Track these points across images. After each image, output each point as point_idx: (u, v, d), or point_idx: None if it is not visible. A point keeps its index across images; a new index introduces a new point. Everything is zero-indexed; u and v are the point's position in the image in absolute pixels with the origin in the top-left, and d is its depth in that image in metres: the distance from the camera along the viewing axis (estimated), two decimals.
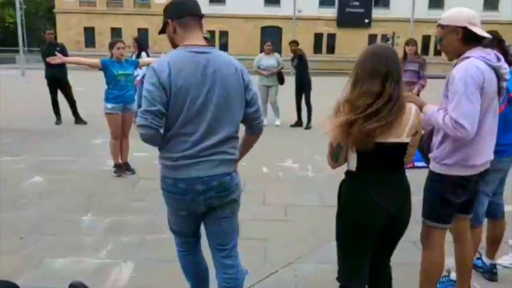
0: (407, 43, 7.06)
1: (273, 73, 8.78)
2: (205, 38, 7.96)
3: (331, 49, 38.37)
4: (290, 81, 9.14)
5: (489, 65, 2.24)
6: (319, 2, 38.07)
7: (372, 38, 37.99)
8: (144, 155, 6.18)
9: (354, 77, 2.03)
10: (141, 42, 8.27)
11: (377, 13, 37.86)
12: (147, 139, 2.05)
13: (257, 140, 2.50)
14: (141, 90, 8.33)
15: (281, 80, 8.99)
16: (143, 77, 8.57)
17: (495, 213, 2.98)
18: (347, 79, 2.05)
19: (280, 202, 4.52)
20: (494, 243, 3.04)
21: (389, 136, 1.95)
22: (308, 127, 8.71)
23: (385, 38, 35.01)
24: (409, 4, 34.98)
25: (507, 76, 2.31)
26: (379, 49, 2.05)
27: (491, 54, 2.28)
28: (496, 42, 2.63)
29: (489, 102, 2.26)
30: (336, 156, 2.05)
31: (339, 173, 5.75)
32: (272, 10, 38.05)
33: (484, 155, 2.34)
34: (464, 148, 2.29)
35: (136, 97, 6.44)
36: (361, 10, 37.80)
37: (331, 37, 38.72)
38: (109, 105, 5.12)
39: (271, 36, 37.76)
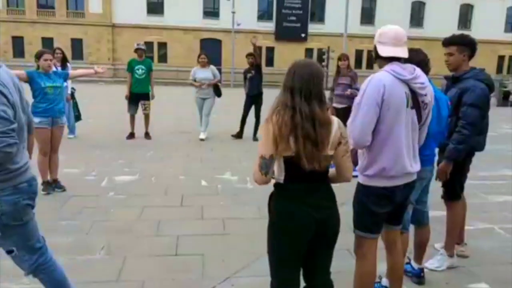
0: (340, 58, 7.33)
1: (208, 85, 8.73)
2: (141, 49, 7.80)
3: (270, 62, 39.00)
4: (230, 93, 9.17)
5: (398, 79, 2.36)
6: (257, 16, 38.68)
7: (308, 51, 39.21)
8: (75, 172, 5.94)
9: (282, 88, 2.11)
10: (65, 53, 7.91)
11: (313, 28, 39.11)
12: None
13: None
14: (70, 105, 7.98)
15: (217, 93, 8.97)
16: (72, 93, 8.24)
17: (421, 219, 3.13)
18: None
19: (219, 215, 4.47)
20: (421, 248, 3.19)
21: None
22: (256, 138, 8.75)
23: (321, 52, 36.26)
24: (343, 19, 36.60)
25: (423, 91, 2.42)
26: (296, 64, 2.11)
27: (407, 68, 2.40)
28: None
29: (397, 113, 2.34)
30: (266, 169, 2.06)
31: None
32: (211, 23, 38.16)
33: (404, 166, 2.42)
34: (380, 159, 2.39)
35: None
36: (298, 25, 38.88)
37: (270, 50, 39.42)
38: (37, 119, 4.83)
39: (210, 48, 37.84)
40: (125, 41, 34.83)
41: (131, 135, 8.48)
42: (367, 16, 39.11)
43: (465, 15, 40.94)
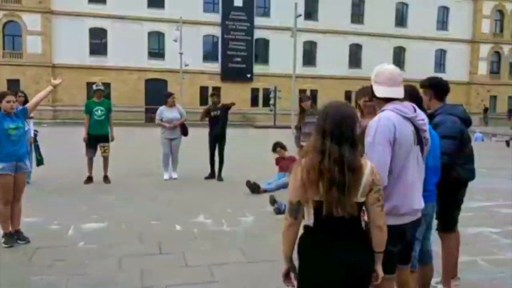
0: (301, 99, 7.51)
1: (176, 126, 8.60)
2: (100, 90, 7.57)
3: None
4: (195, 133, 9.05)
5: (404, 117, 2.41)
6: (203, 57, 39.12)
7: (254, 91, 39.99)
8: (37, 221, 5.49)
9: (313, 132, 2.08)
10: (27, 97, 7.48)
11: (258, 68, 40.09)
12: None
13: None
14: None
15: (184, 132, 8.84)
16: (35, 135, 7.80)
17: (424, 258, 3.14)
18: (235, 130, 2.09)
19: (203, 262, 4.26)
20: (425, 287, 3.19)
21: None
22: (221, 179, 8.60)
23: (267, 92, 37.09)
24: (285, 61, 37.96)
25: (425, 127, 2.50)
26: (329, 106, 2.11)
27: (407, 106, 2.46)
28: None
29: (407, 151, 2.39)
30: (295, 214, 2.00)
31: (255, 226, 5.65)
32: (156, 63, 38.05)
33: (414, 203, 2.45)
34: (393, 198, 2.39)
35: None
36: (243, 66, 39.70)
37: (216, 90, 39.69)
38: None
39: (155, 88, 37.67)
40: (66, 82, 33.64)
41: (89, 179, 8.05)
42: (309, 58, 40.73)
43: (439, 58, 43.95)
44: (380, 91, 2.44)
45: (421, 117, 2.46)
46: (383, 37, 41.53)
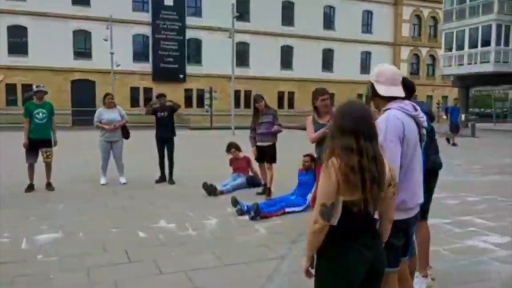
0: (256, 100, 7.53)
1: (116, 128, 8.23)
2: (41, 91, 7.06)
3: (148, 103, 38.21)
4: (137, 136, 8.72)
5: (408, 115, 2.51)
6: (133, 57, 37.89)
7: (188, 92, 39.44)
8: None
9: (331, 132, 2.09)
10: None
11: (191, 69, 39.60)
12: None
13: None
14: None
15: (126, 135, 8.50)
16: None
17: (412, 249, 3.27)
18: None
19: (178, 268, 4.12)
20: (412, 276, 3.32)
21: None
22: (173, 182, 8.38)
23: (201, 92, 36.74)
24: (218, 62, 37.92)
25: (425, 124, 2.62)
26: (349, 106, 2.13)
27: (408, 104, 2.56)
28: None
29: (413, 148, 2.50)
30: (328, 215, 1.98)
31: (220, 229, 5.59)
32: (83, 63, 36.21)
33: (419, 197, 2.57)
34: (402, 193, 2.47)
35: None
36: (175, 66, 39.00)
37: (148, 91, 38.71)
38: None
39: (83, 90, 35.90)
40: None
41: (31, 187, 7.48)
42: (242, 59, 40.93)
43: (365, 60, 45.62)
44: (383, 90, 2.49)
45: (421, 114, 2.56)
46: (313, 39, 42.82)
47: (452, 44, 27.17)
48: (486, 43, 24.91)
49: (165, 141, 8.51)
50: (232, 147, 8.17)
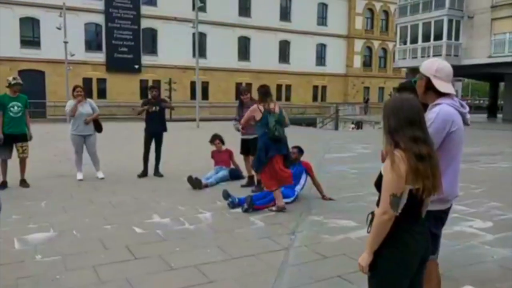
0: (241, 93, 7.53)
1: (88, 122, 7.93)
2: (19, 84, 6.67)
3: (102, 94, 37.04)
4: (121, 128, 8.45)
5: (458, 111, 2.63)
6: (85, 47, 36.49)
7: (143, 83, 38.50)
8: None
9: (389, 126, 2.14)
10: None
11: (146, 59, 38.69)
12: None
13: None
14: None
15: (99, 128, 8.21)
16: None
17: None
18: (128, 124, 2.08)
19: (188, 263, 4.08)
20: None
21: None
22: (160, 174, 8.29)
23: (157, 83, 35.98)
24: (174, 52, 37.28)
25: (468, 121, 2.74)
26: (399, 98, 2.21)
27: (457, 101, 2.68)
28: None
29: (458, 143, 2.63)
30: (398, 205, 2.05)
31: (217, 223, 5.65)
32: (31, 52, 34.44)
33: (457, 190, 2.70)
34: (443, 185, 2.59)
35: None
36: (130, 56, 37.95)
37: (102, 81, 37.50)
38: None
39: (31, 80, 34.08)
40: None
41: (3, 184, 7.09)
42: (200, 49, 40.39)
43: (320, 52, 46.29)
44: (443, 87, 2.57)
45: (467, 111, 2.68)
46: (270, 31, 43.01)
47: (406, 38, 28.19)
48: (438, 37, 26.04)
49: (155, 136, 8.33)
50: (217, 139, 8.11)
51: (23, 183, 7.26)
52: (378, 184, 2.18)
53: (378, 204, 2.15)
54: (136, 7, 37.86)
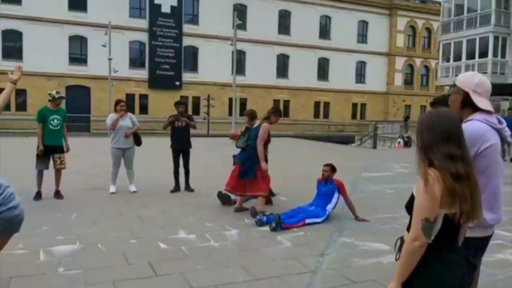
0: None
1: (128, 135, 8.05)
2: (62, 97, 6.84)
3: (144, 110, 38.01)
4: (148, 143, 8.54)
5: (492, 127, 2.40)
6: (129, 64, 37.70)
7: (183, 99, 39.09)
8: None
9: (423, 142, 1.95)
10: None
11: (187, 76, 39.48)
12: None
13: None
14: None
15: (138, 141, 8.32)
16: None
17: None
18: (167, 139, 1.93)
19: (209, 283, 3.95)
20: None
21: None
22: (191, 189, 8.28)
23: (197, 100, 36.42)
24: (214, 70, 37.91)
25: (510, 139, 2.50)
26: (436, 113, 2.01)
27: (493, 117, 2.44)
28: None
29: (495, 161, 2.38)
30: (431, 232, 1.84)
31: (243, 241, 5.41)
32: (78, 69, 35.95)
33: (500, 215, 2.44)
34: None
35: None
36: (172, 73, 38.85)
37: (144, 97, 38.53)
38: None
39: (77, 96, 35.56)
40: None
41: (39, 195, 7.26)
42: (239, 67, 40.85)
43: (359, 70, 45.90)
44: (482, 103, 2.38)
45: (507, 128, 2.45)
46: (309, 48, 42.97)
47: (449, 55, 27.36)
48: (483, 54, 25.11)
49: (181, 152, 8.35)
50: None
51: (58, 194, 7.40)
52: (410, 206, 1.98)
53: (408, 228, 1.95)
54: (179, 26, 38.85)
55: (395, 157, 16.82)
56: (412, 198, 1.97)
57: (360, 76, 46.50)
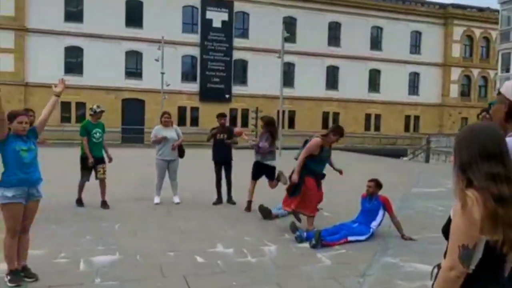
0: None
1: (174, 147, 8.17)
2: (102, 111, 7.03)
3: (195, 122, 38.81)
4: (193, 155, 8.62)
5: None
6: (181, 77, 38.72)
7: (233, 111, 39.70)
8: (39, 253, 4.92)
9: (461, 160, 1.75)
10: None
11: (236, 89, 39.98)
12: None
13: None
14: None
15: (181, 154, 8.42)
16: None
17: None
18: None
19: None
20: None
21: None
22: (233, 202, 8.24)
23: (245, 112, 36.75)
24: (263, 82, 38.06)
25: None
26: (478, 127, 1.81)
27: None
28: None
29: None
30: (469, 260, 1.64)
31: (281, 257, 5.19)
32: (133, 83, 37.38)
33: None
34: None
35: None
36: (222, 86, 39.50)
37: (195, 110, 39.37)
38: (9, 193, 3.94)
39: (133, 108, 36.95)
40: (39, 101, 32.57)
41: (80, 201, 7.69)
42: (287, 79, 40.85)
43: (413, 81, 44.79)
44: None
45: None
46: (359, 60, 42.27)
47: (509, 65, 25.94)
48: None
49: (223, 164, 8.36)
50: None
51: (104, 204, 7.62)
52: (447, 230, 1.78)
53: (445, 255, 1.76)
54: (229, 40, 39.53)
55: (448, 172, 15.98)
56: (449, 221, 1.77)
57: (413, 87, 45.07)
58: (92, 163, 7.51)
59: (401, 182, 11.30)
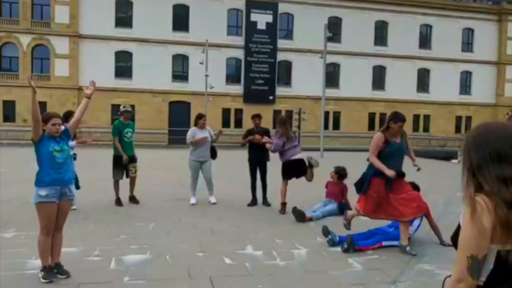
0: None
1: (215, 139, 8.41)
2: (128, 112, 7.22)
3: (238, 123, 39.11)
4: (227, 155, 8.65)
5: None
6: (226, 80, 39.14)
7: (277, 113, 39.63)
8: (73, 251, 5.09)
9: (469, 162, 1.61)
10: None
11: (280, 90, 39.89)
12: None
13: None
14: None
15: (214, 155, 8.49)
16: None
17: None
18: None
19: None
20: None
21: None
22: (268, 203, 8.22)
23: (289, 113, 36.57)
24: (307, 83, 37.72)
25: None
26: (489, 127, 1.66)
27: None
28: None
29: None
30: (478, 272, 1.51)
31: (311, 261, 5.02)
32: (180, 86, 38.21)
33: None
34: None
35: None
36: (266, 88, 39.56)
37: (239, 112, 39.66)
38: (43, 192, 4.11)
39: (179, 111, 37.76)
40: (91, 104, 33.92)
41: (119, 201, 7.95)
42: (332, 79, 40.29)
43: (464, 80, 43.24)
44: None
45: None
46: (407, 59, 41.04)
47: None
48: None
49: (259, 165, 8.36)
50: (337, 170, 7.77)
51: (133, 199, 7.99)
52: (456, 238, 1.65)
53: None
54: (273, 41, 39.55)
55: None
56: (458, 229, 1.64)
57: (465, 87, 43.20)
58: (126, 160, 7.77)
59: (445, 185, 10.83)
